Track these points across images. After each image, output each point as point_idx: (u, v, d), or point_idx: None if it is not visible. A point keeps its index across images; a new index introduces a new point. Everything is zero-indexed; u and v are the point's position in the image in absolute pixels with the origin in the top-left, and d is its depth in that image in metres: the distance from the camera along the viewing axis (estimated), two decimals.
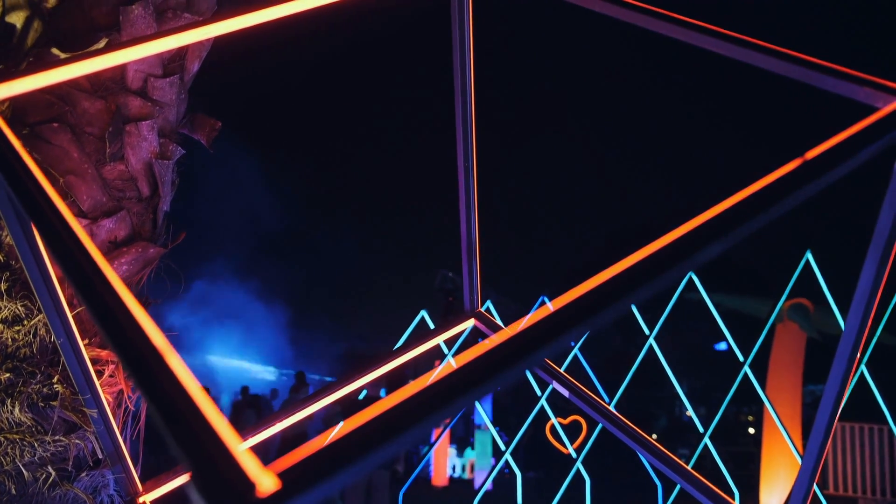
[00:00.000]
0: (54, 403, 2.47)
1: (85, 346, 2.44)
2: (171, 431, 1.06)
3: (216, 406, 1.13)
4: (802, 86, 1.81)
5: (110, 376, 2.59)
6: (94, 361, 2.53)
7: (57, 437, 2.47)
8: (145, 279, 2.82)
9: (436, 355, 7.48)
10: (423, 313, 7.25)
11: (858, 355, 1.95)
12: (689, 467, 3.02)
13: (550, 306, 1.01)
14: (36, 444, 2.43)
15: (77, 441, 2.51)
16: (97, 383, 2.39)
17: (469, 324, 3.32)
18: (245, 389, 13.91)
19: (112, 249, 2.66)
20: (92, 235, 2.62)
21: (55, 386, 2.48)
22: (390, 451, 1.05)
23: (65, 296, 2.27)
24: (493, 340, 1.00)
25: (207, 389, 13.06)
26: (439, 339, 3.34)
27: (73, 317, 2.30)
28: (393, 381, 10.58)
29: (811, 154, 1.45)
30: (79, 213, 2.60)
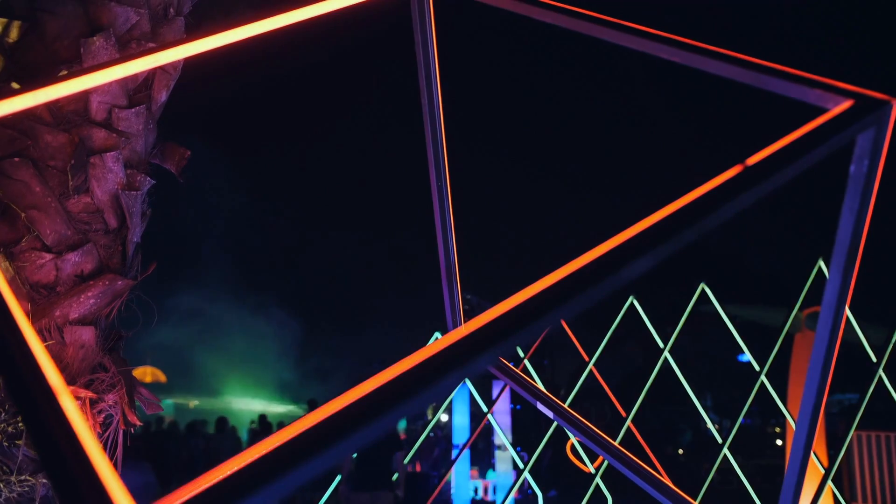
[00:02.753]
0: (19, 442, 2.43)
1: None
2: (50, 474, 1.01)
3: (103, 451, 1.08)
4: (762, 93, 1.74)
5: None
6: None
7: (23, 477, 2.42)
8: (115, 312, 2.79)
9: None
10: (437, 335, 7.18)
11: (832, 368, 1.86)
12: (696, 502, 2.89)
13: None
14: (1, 485, 2.39)
15: (44, 480, 2.46)
16: None
17: None
18: (262, 417, 13.90)
19: (78, 283, 2.63)
20: (57, 270, 2.59)
21: (20, 424, 2.44)
22: (282, 488, 0.98)
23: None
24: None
25: (225, 419, 13.07)
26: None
27: None
28: None
29: (752, 160, 1.38)
30: (43, 248, 2.57)
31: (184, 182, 3.01)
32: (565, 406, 3.04)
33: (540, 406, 3.03)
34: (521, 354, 6.53)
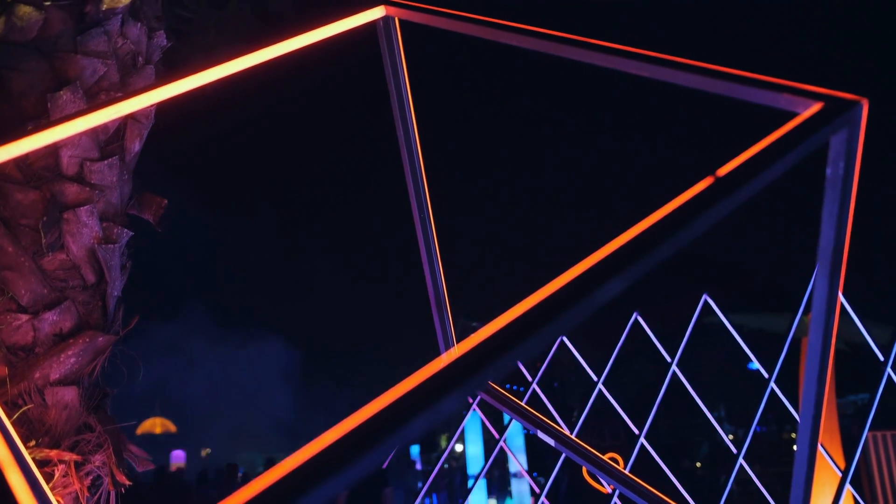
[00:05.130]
0: None
1: (32, 448, 2.33)
2: None
3: None
4: (732, 99, 1.70)
5: (63, 476, 2.47)
6: (43, 463, 2.42)
7: None
8: (98, 369, 2.72)
9: None
10: None
11: (829, 373, 1.80)
12: None
13: None
14: None
15: None
16: (46, 488, 2.28)
17: None
18: (270, 460, 13.81)
19: (58, 342, 2.57)
20: (35, 330, 2.53)
21: None
22: None
23: None
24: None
25: (235, 466, 12.94)
26: None
27: (11, 420, 2.20)
28: None
29: (723, 170, 1.33)
30: (18, 309, 2.51)
31: (161, 231, 2.96)
32: (571, 436, 2.96)
33: (541, 434, 2.95)
34: (529, 379, 6.46)
